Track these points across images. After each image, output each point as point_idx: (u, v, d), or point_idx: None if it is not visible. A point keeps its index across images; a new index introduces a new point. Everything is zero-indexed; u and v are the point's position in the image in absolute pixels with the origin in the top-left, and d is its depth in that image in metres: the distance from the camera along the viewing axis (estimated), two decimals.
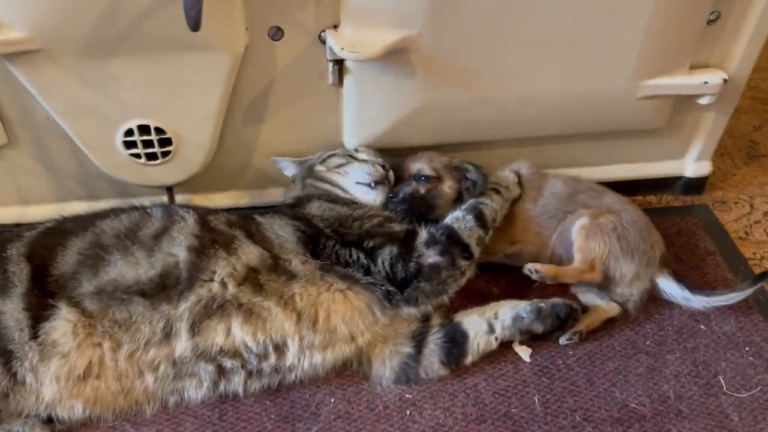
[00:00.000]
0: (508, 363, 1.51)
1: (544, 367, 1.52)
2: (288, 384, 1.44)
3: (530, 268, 1.53)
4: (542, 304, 1.52)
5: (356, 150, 1.68)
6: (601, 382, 1.49)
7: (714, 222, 1.93)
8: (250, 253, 1.41)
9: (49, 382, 1.31)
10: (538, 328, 1.52)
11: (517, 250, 1.67)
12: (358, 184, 1.59)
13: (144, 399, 1.39)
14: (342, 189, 1.60)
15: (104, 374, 1.35)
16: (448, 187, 1.63)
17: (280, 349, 1.39)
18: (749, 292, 1.55)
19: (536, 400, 1.45)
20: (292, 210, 1.56)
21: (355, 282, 1.43)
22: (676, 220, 1.90)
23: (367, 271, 1.44)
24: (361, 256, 1.45)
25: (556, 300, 1.54)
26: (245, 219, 1.51)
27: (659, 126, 1.82)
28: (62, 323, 1.33)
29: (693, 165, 1.95)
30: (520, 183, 1.67)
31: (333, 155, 1.65)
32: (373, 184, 1.58)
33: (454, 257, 1.46)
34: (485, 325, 1.50)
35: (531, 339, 1.55)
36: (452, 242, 1.48)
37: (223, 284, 1.37)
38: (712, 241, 1.84)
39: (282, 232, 1.47)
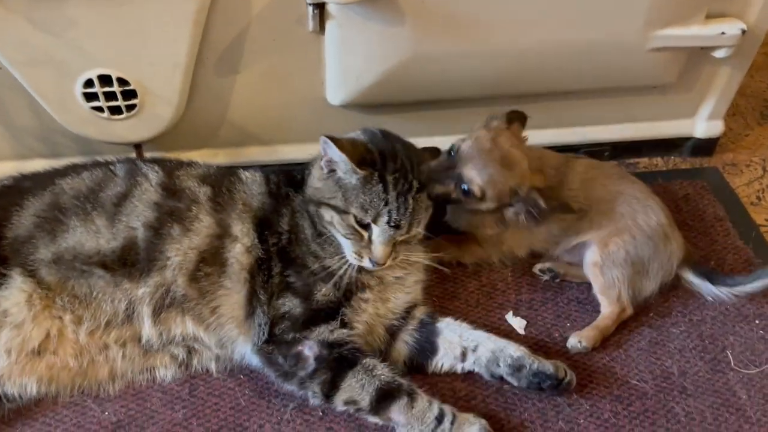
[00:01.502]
0: (502, 336, 1.40)
1: (539, 340, 1.42)
2: None
3: (576, 343, 1.39)
4: (527, 364, 1.29)
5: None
6: (600, 357, 1.40)
7: (724, 186, 1.81)
8: (201, 231, 1.30)
9: None
10: (513, 382, 1.31)
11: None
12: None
13: (108, 378, 1.30)
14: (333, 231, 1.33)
15: (62, 350, 1.26)
16: (485, 207, 1.39)
17: (232, 345, 1.32)
18: None
19: None
20: (288, 184, 1.40)
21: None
22: (684, 183, 1.78)
23: (267, 294, 1.29)
24: (276, 277, 1.30)
25: (547, 367, 1.29)
26: (224, 173, 1.39)
27: (669, 81, 1.69)
28: (15, 292, 1.24)
29: (704, 125, 1.83)
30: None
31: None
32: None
33: (313, 382, 1.25)
34: (459, 350, 1.34)
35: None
36: (330, 372, 1.24)
37: (175, 276, 1.27)
38: (721, 206, 1.73)
39: (253, 201, 1.35)
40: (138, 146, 1.56)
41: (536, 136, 1.75)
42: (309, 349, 1.26)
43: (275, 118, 1.63)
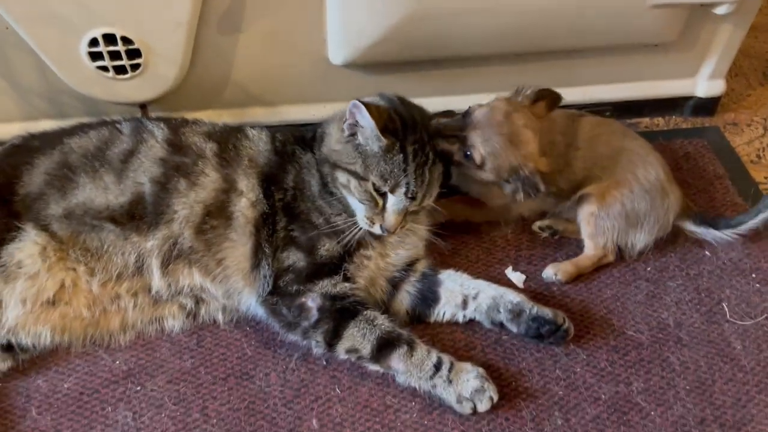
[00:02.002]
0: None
1: (538, 293, 1.45)
2: None
3: (552, 275, 1.46)
4: (526, 309, 1.33)
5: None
6: (597, 310, 1.42)
7: (725, 144, 1.82)
8: (208, 185, 1.32)
9: (14, 304, 1.26)
10: (512, 328, 1.35)
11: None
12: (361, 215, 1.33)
13: (119, 328, 1.34)
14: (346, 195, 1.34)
15: (76, 300, 1.30)
16: (484, 177, 1.37)
17: (238, 296, 1.36)
18: None
19: None
20: (296, 142, 1.41)
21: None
22: (684, 142, 1.79)
23: (272, 247, 1.32)
24: (281, 231, 1.33)
25: (546, 312, 1.32)
26: (231, 130, 1.41)
27: (670, 39, 1.69)
28: (29, 245, 1.28)
29: (705, 84, 1.83)
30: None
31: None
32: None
33: (316, 331, 1.28)
34: (460, 298, 1.37)
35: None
36: (333, 321, 1.28)
37: (182, 229, 1.30)
38: (721, 165, 1.74)
39: (259, 157, 1.37)
40: (143, 106, 1.58)
41: None
42: (312, 301, 1.30)
43: (278, 78, 1.64)
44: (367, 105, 1.22)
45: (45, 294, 1.27)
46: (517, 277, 1.48)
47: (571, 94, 1.77)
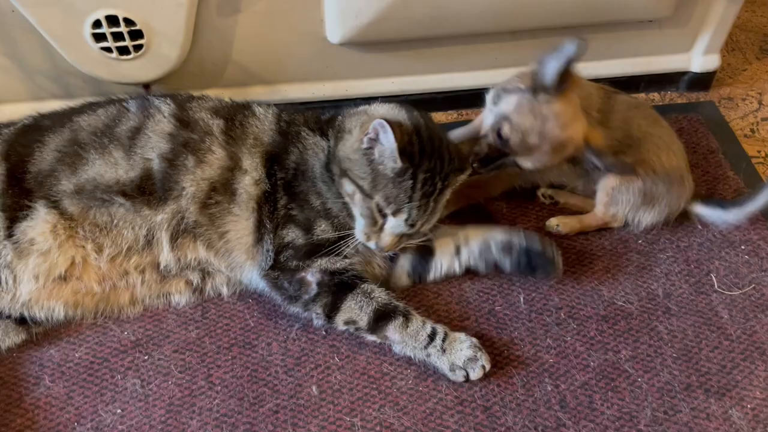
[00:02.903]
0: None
1: None
2: None
3: (554, 225, 1.52)
4: (515, 241, 1.41)
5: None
6: (588, 281, 1.47)
7: (719, 119, 1.84)
8: (214, 162, 1.36)
9: (28, 279, 1.31)
10: (506, 265, 1.41)
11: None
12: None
13: (128, 303, 1.39)
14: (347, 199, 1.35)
15: (86, 276, 1.35)
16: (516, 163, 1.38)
17: (240, 270, 1.40)
18: None
19: (521, 299, 1.43)
20: (305, 123, 1.43)
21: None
22: (679, 117, 1.81)
23: (273, 224, 1.36)
24: (281, 209, 1.36)
25: (535, 242, 1.40)
26: (238, 106, 1.44)
27: (665, 15, 1.71)
28: (40, 223, 1.32)
29: (700, 59, 1.84)
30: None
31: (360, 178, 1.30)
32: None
33: (315, 304, 1.34)
34: (453, 247, 1.43)
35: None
36: (331, 295, 1.33)
37: (188, 205, 1.34)
38: (714, 139, 1.76)
39: (264, 136, 1.40)
40: (147, 87, 1.62)
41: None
42: (311, 275, 1.34)
43: (277, 57, 1.67)
44: (392, 124, 1.20)
45: (56, 270, 1.32)
46: None
47: None
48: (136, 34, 1.49)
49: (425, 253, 1.44)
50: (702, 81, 1.90)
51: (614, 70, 1.83)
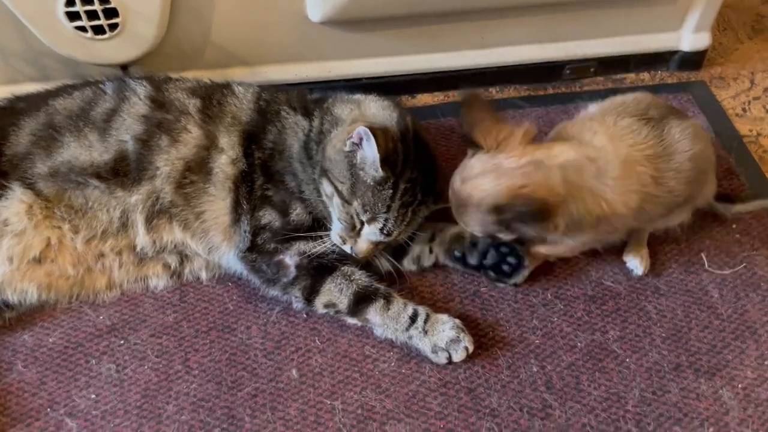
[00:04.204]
0: None
1: None
2: None
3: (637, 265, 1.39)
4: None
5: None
6: (575, 262, 1.43)
7: (710, 98, 1.81)
8: (189, 141, 1.33)
9: (1, 261, 1.28)
10: (472, 260, 1.35)
11: None
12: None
13: (104, 288, 1.36)
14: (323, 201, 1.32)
15: (61, 258, 1.32)
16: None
17: (217, 252, 1.37)
18: None
19: None
20: (287, 102, 1.39)
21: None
22: (669, 97, 1.78)
23: (250, 205, 1.33)
24: (258, 190, 1.33)
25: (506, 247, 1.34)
26: (217, 86, 1.42)
27: None
28: (15, 203, 1.29)
29: (690, 37, 1.81)
30: None
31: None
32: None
33: (294, 287, 1.31)
34: (429, 234, 1.39)
35: None
36: (310, 278, 1.30)
37: (163, 185, 1.31)
38: (705, 118, 1.73)
39: (242, 115, 1.37)
40: (125, 68, 1.59)
41: (521, 53, 1.78)
42: (290, 258, 1.31)
43: (257, 37, 1.63)
44: (375, 132, 1.16)
45: (31, 252, 1.29)
46: None
47: (555, 50, 1.79)
48: (111, 13, 1.45)
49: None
50: (693, 60, 1.86)
51: (602, 49, 1.80)
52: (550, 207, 1.08)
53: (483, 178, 1.12)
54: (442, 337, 1.25)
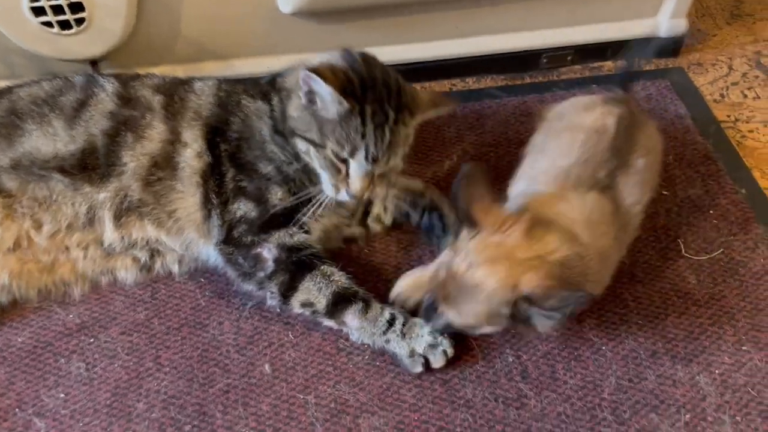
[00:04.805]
0: None
1: None
2: None
3: None
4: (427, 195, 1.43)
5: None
6: None
7: (688, 85, 1.80)
8: (155, 137, 1.31)
9: None
10: (415, 217, 1.43)
11: None
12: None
13: (71, 279, 1.34)
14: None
15: (30, 251, 1.30)
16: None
17: (196, 246, 1.35)
18: None
19: None
20: (245, 92, 1.38)
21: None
22: (647, 84, 1.77)
23: (221, 199, 1.31)
24: (230, 182, 1.31)
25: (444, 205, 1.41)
26: (179, 82, 1.40)
27: None
28: None
29: (667, 23, 1.79)
30: None
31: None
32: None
33: (271, 282, 1.28)
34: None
35: None
36: (288, 273, 1.27)
37: (130, 182, 1.30)
38: (683, 105, 1.72)
39: (203, 110, 1.35)
40: (94, 63, 1.57)
41: (497, 42, 1.77)
42: (268, 252, 1.29)
43: (229, 30, 1.61)
44: (318, 71, 1.14)
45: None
46: None
47: (531, 38, 1.78)
48: (77, 7, 1.43)
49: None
50: (670, 47, 1.85)
51: (578, 37, 1.78)
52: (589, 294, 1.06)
53: (497, 266, 1.04)
54: (421, 342, 1.22)
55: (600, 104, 1.29)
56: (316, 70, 1.15)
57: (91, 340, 1.28)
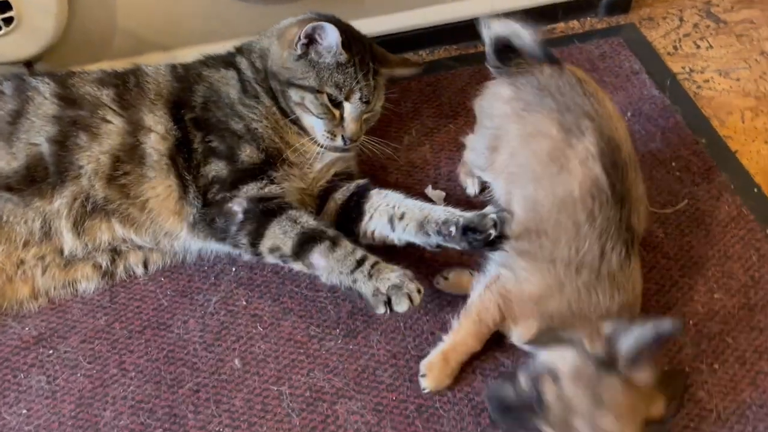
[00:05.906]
0: None
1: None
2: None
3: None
4: (453, 223, 1.19)
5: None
6: None
7: (640, 40, 1.79)
8: (112, 132, 1.26)
9: None
10: (452, 245, 1.21)
11: None
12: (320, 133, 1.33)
13: (29, 296, 1.28)
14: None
15: None
16: None
17: (169, 236, 1.31)
18: None
19: None
20: (205, 64, 1.38)
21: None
22: (600, 42, 1.76)
23: (192, 173, 1.28)
24: (199, 146, 1.29)
25: (472, 221, 1.18)
26: (127, 71, 1.35)
27: None
28: None
29: None
30: None
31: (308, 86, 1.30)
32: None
33: (240, 233, 1.24)
34: (386, 217, 1.27)
35: None
36: (256, 222, 1.23)
37: (91, 183, 1.24)
38: (637, 60, 1.71)
39: (163, 90, 1.31)
40: (29, 65, 1.49)
41: (446, 11, 1.73)
42: (238, 205, 1.25)
43: (169, 18, 1.55)
44: (334, 20, 1.29)
45: None
46: (437, 195, 1.45)
47: (478, 6, 1.74)
48: (5, 6, 1.35)
49: (355, 209, 1.31)
50: (620, 4, 1.83)
51: (527, 1, 1.75)
52: None
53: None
54: (385, 283, 1.15)
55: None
56: (326, 18, 1.30)
57: (50, 351, 1.23)
